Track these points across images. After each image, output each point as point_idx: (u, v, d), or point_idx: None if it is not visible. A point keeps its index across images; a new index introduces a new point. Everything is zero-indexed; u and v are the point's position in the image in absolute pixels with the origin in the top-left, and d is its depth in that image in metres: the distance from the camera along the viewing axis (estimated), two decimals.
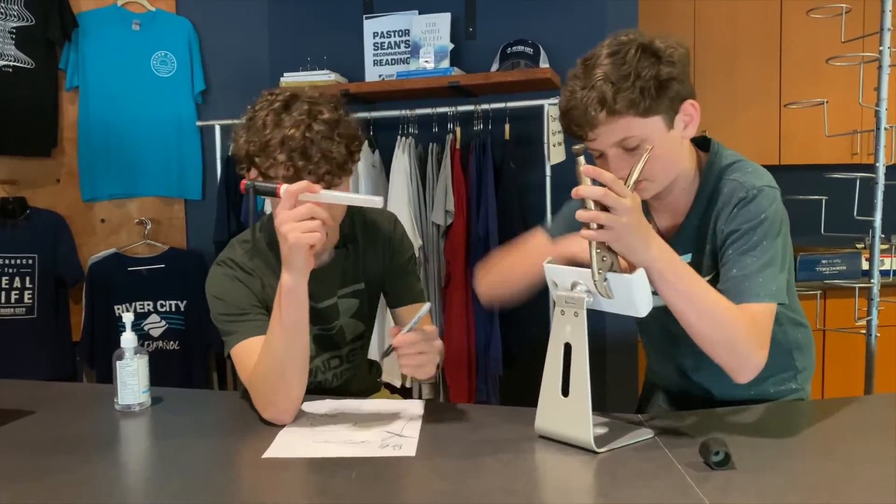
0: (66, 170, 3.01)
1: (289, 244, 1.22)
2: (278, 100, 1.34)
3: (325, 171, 1.31)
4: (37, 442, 1.27)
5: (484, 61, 2.82)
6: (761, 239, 1.22)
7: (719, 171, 1.30)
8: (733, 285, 1.21)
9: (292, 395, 1.34)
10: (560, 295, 1.17)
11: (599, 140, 1.19)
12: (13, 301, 2.89)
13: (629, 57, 1.14)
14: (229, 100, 3.11)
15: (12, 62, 2.84)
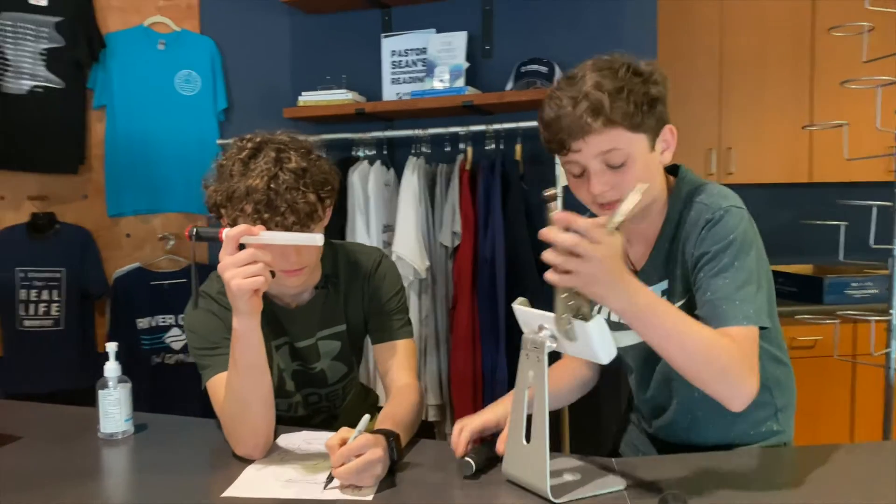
0: (93, 186, 3.10)
1: (231, 290, 1.21)
2: (247, 147, 1.34)
3: (293, 222, 1.31)
4: (16, 471, 1.31)
5: (501, 79, 2.80)
6: (732, 260, 1.18)
7: (686, 194, 1.29)
8: (709, 310, 1.17)
9: (258, 434, 1.34)
10: (526, 338, 1.15)
11: (585, 151, 1.18)
12: (41, 313, 2.98)
13: (620, 73, 1.16)
14: (251, 118, 3.16)
15: (43, 83, 2.94)
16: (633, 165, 1.19)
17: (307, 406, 1.62)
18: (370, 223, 2.57)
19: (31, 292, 2.97)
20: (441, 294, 2.55)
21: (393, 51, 2.94)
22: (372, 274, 1.57)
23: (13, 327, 2.97)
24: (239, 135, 3.05)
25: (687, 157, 3.21)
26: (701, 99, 3.23)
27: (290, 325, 1.54)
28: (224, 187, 1.32)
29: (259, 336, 1.30)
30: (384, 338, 1.56)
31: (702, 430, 1.38)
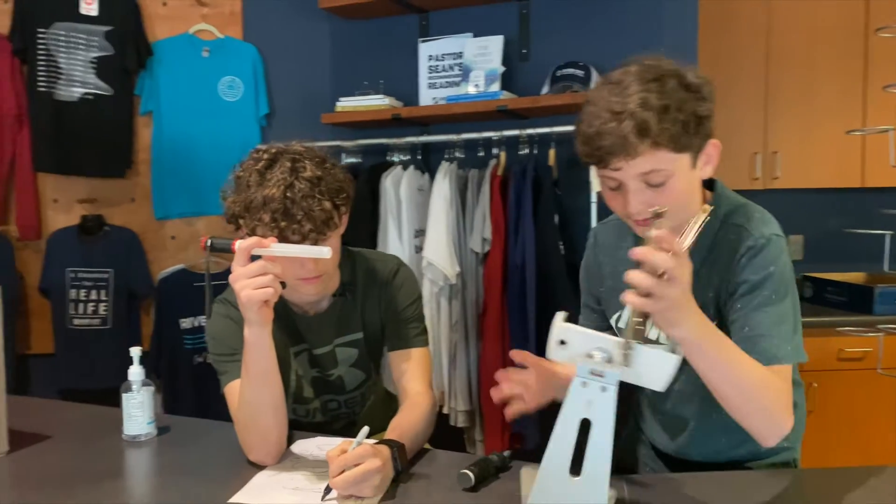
0: (140, 190, 3.20)
1: (241, 301, 1.24)
2: (263, 158, 1.36)
3: (310, 230, 1.33)
4: (41, 470, 1.37)
5: (538, 83, 2.78)
6: (771, 293, 1.16)
7: (724, 214, 1.24)
8: (748, 346, 1.14)
9: (269, 441, 1.37)
10: (583, 364, 1.04)
11: (625, 171, 1.13)
12: (90, 312, 3.09)
13: (667, 88, 1.09)
14: (292, 123, 3.22)
15: (93, 90, 3.05)
16: (673, 185, 1.14)
17: (326, 412, 1.63)
18: (402, 228, 2.59)
19: (80, 292, 3.08)
20: (471, 299, 2.54)
21: (430, 55, 2.95)
22: (389, 282, 1.57)
23: (64, 326, 3.08)
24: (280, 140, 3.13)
25: (731, 162, 3.15)
26: (746, 101, 3.14)
27: (307, 333, 1.56)
28: (241, 198, 1.35)
29: (269, 345, 1.32)
30: (399, 345, 1.56)
31: (713, 447, 1.35)
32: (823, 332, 2.84)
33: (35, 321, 3.18)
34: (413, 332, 1.57)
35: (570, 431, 1.05)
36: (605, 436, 1.03)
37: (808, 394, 2.78)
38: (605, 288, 1.42)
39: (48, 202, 3.14)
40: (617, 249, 1.39)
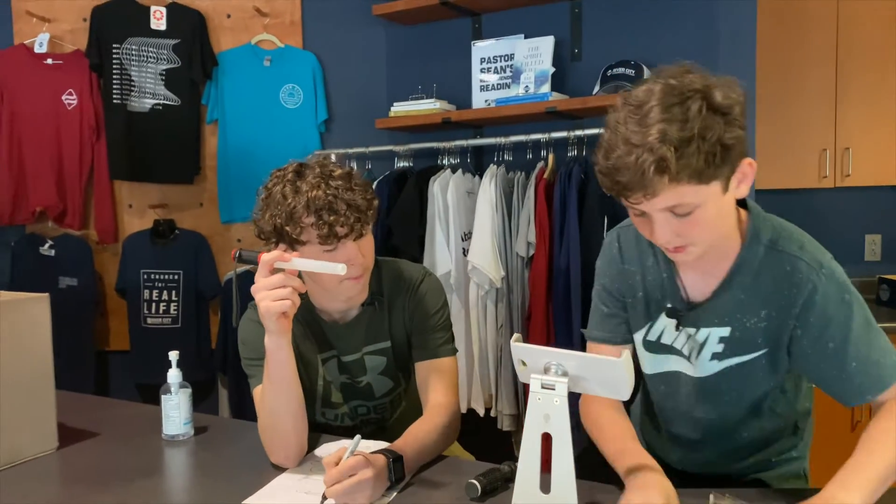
0: (207, 195, 3.35)
1: (261, 311, 1.30)
2: (289, 172, 1.42)
3: (355, 220, 1.38)
4: (87, 466, 1.47)
5: (590, 83, 2.74)
6: (859, 321, 1.15)
7: (768, 240, 1.18)
8: (864, 380, 1.14)
9: (289, 445, 1.42)
10: (535, 378, 1.07)
11: (648, 205, 1.07)
12: (161, 312, 3.27)
13: (691, 114, 1.01)
14: (349, 128, 3.29)
15: (162, 100, 3.21)
16: (702, 214, 1.07)
17: (355, 417, 1.67)
18: (449, 232, 2.61)
19: (153, 292, 3.26)
20: (517, 303, 2.54)
21: (482, 58, 2.95)
22: (414, 291, 1.59)
23: (139, 324, 3.26)
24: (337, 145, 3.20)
25: (799, 159, 3.02)
26: (814, 96, 3.00)
27: (336, 340, 1.61)
28: (280, 210, 1.38)
29: (289, 354, 1.37)
30: (424, 356, 1.58)
31: (725, 462, 1.31)
32: None
33: (113, 320, 3.38)
34: (437, 342, 1.58)
35: (534, 447, 1.06)
36: (565, 447, 1.04)
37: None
38: (637, 298, 1.33)
39: (124, 207, 3.33)
40: (645, 258, 1.32)
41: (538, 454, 1.06)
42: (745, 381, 1.24)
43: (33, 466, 1.47)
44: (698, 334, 1.25)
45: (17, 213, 3.20)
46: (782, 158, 3.02)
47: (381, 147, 2.98)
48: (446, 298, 1.65)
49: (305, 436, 1.44)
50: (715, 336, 1.23)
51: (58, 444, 1.56)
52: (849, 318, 1.13)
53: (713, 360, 1.24)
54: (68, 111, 3.21)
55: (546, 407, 1.06)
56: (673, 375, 1.32)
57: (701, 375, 1.26)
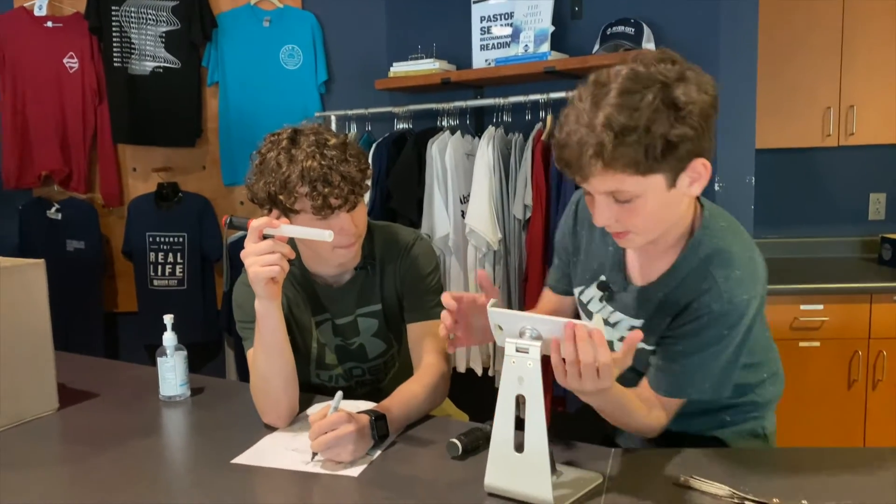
0: (209, 157, 3.36)
1: (250, 276, 1.32)
2: (283, 138, 1.41)
3: (349, 191, 1.40)
4: (87, 425, 1.52)
5: (590, 42, 2.71)
6: (716, 349, 1.19)
7: (706, 255, 1.19)
8: (672, 381, 1.24)
9: (280, 406, 1.45)
10: (509, 343, 1.10)
11: (589, 186, 1.10)
12: (167, 274, 3.31)
13: (643, 104, 1.01)
14: (349, 89, 3.28)
15: (163, 63, 3.21)
16: (642, 205, 1.08)
17: (349, 378, 1.71)
18: (448, 195, 2.61)
19: (158, 255, 3.30)
20: (514, 265, 2.56)
21: (482, 17, 2.92)
22: (406, 254, 1.62)
23: (145, 286, 3.32)
24: (337, 106, 3.19)
25: (802, 117, 2.98)
26: (819, 53, 2.95)
27: (330, 303, 1.63)
28: (274, 178, 1.39)
29: (279, 319, 1.40)
30: (415, 318, 1.61)
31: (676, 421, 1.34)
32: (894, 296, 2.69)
33: (121, 282, 3.44)
34: (429, 305, 1.60)
35: (508, 409, 1.09)
36: (538, 409, 1.07)
37: (877, 363, 2.67)
38: (577, 259, 1.41)
39: (128, 171, 3.35)
40: (593, 228, 1.36)
41: (512, 416, 1.09)
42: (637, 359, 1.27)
43: (34, 427, 1.52)
44: (613, 315, 1.31)
45: (24, 177, 3.24)
46: (785, 117, 2.99)
47: (381, 108, 2.97)
48: (438, 262, 1.67)
49: (296, 397, 1.48)
50: (626, 324, 1.29)
51: (58, 406, 1.61)
52: (710, 342, 1.19)
53: (618, 341, 1.30)
54: (70, 74, 3.22)
55: (520, 370, 1.08)
56: None
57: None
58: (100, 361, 2.05)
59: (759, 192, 2.69)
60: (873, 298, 2.69)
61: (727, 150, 2.59)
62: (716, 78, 2.82)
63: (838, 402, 2.75)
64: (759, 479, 1.14)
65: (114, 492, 1.20)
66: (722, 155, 2.59)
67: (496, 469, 1.11)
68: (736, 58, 2.57)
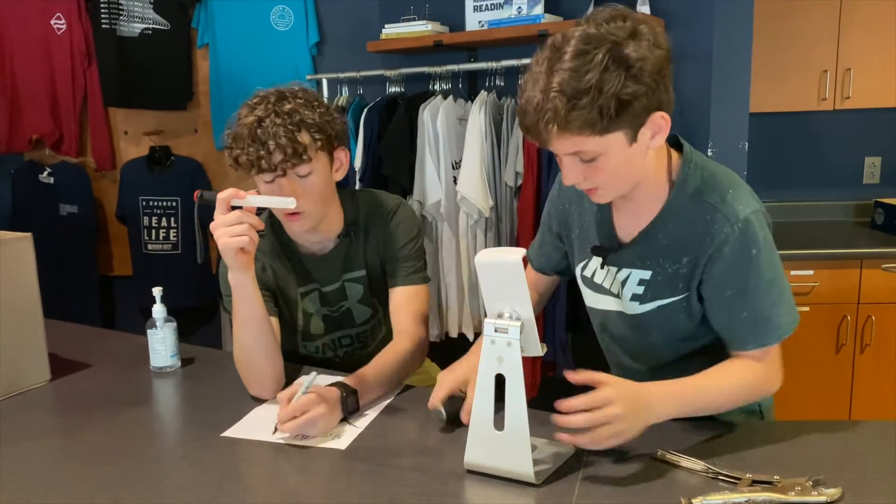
0: (201, 121, 3.34)
1: (220, 248, 1.34)
2: (258, 96, 1.45)
3: (281, 160, 1.40)
4: (79, 395, 1.54)
5: (585, 3, 2.66)
6: (759, 276, 1.18)
7: (694, 188, 1.21)
8: (750, 330, 1.21)
9: (264, 378, 1.47)
10: (489, 322, 1.11)
11: (552, 148, 1.13)
12: (161, 238, 3.32)
13: (593, 64, 1.02)
14: (341, 51, 3.23)
15: (152, 25, 3.17)
16: (606, 162, 1.11)
17: (337, 347, 1.73)
18: (440, 161, 2.60)
19: (152, 219, 3.30)
20: (506, 231, 2.56)
21: None
22: (388, 221, 1.63)
23: (140, 250, 3.33)
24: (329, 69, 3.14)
25: (798, 80, 2.95)
26: (817, 16, 2.90)
27: (316, 272, 1.64)
28: (232, 130, 1.45)
29: (254, 290, 1.41)
30: (395, 283, 1.63)
31: None
32: (888, 261, 2.70)
33: (116, 246, 3.45)
34: (408, 270, 1.63)
35: (488, 388, 1.11)
36: (518, 388, 1.08)
37: (865, 328, 2.70)
38: (572, 237, 1.41)
39: (119, 134, 3.34)
40: (582, 199, 1.36)
41: (492, 395, 1.11)
42: (669, 323, 1.28)
43: (27, 398, 1.54)
44: (619, 273, 1.30)
45: (14, 141, 3.22)
46: (781, 80, 2.96)
47: (373, 71, 2.93)
48: (420, 228, 1.69)
49: (281, 367, 1.50)
50: (635, 277, 1.28)
51: (50, 377, 1.63)
52: (750, 272, 1.17)
53: (634, 301, 1.29)
54: (58, 36, 3.17)
55: (500, 349, 1.10)
56: (606, 313, 1.38)
57: (629, 313, 1.31)
58: (92, 330, 2.07)
59: (753, 155, 2.68)
60: (863, 264, 2.71)
61: (721, 115, 2.58)
62: (711, 41, 2.79)
63: (826, 367, 2.78)
64: (736, 454, 1.16)
65: (103, 463, 1.23)
66: (716, 120, 2.57)
67: (476, 447, 1.13)
68: (731, 21, 2.53)
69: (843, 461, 1.14)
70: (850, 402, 2.81)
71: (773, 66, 2.94)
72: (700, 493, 1.02)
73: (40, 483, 1.17)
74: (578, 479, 1.11)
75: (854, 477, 1.07)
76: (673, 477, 1.10)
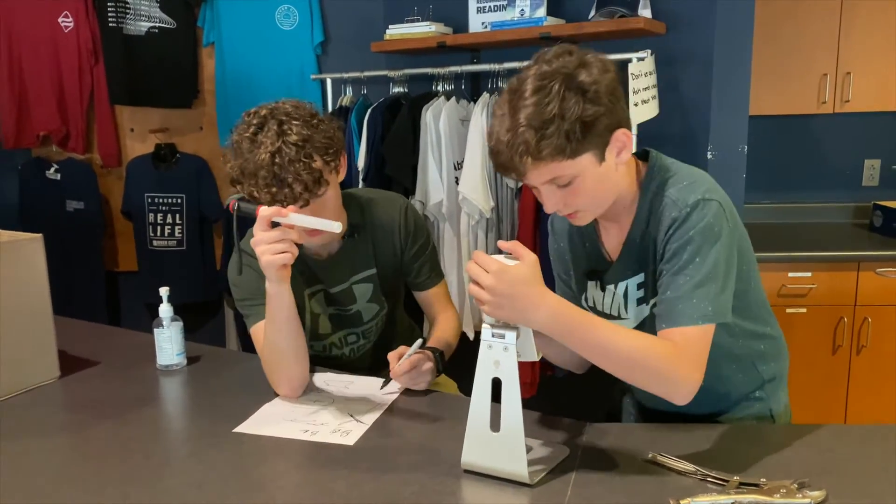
0: (206, 119, 3.37)
1: (262, 264, 1.38)
2: (252, 122, 1.43)
3: (300, 192, 1.41)
4: (88, 393, 1.58)
5: (588, 6, 2.69)
6: (693, 256, 1.18)
7: (657, 186, 1.26)
8: (666, 308, 1.19)
9: (294, 378, 1.53)
10: (486, 328, 1.15)
11: (529, 180, 1.18)
12: (166, 234, 3.36)
13: (552, 95, 1.10)
14: (346, 51, 3.26)
15: (158, 23, 3.20)
16: (582, 184, 1.17)
17: (343, 345, 1.77)
18: (442, 161, 2.63)
19: (157, 215, 3.34)
20: (507, 232, 2.59)
21: None
22: (402, 223, 1.69)
23: (145, 246, 3.37)
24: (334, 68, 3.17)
25: (798, 83, 2.97)
26: (817, 20, 2.93)
27: (322, 274, 1.68)
28: (238, 163, 1.43)
29: (289, 298, 1.46)
30: (425, 286, 1.78)
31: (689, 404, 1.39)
32: (884, 264, 2.72)
33: (122, 242, 3.49)
34: (433, 272, 1.78)
35: (485, 391, 1.14)
36: (514, 391, 1.12)
37: (861, 330, 2.72)
38: (572, 273, 1.46)
39: (125, 132, 3.37)
40: (572, 234, 1.43)
41: (488, 398, 1.14)
42: None
43: (36, 395, 1.58)
44: (617, 289, 1.34)
45: (22, 137, 3.26)
46: (781, 83, 2.98)
47: (377, 72, 2.96)
48: (426, 225, 1.77)
49: (307, 368, 1.55)
50: (633, 284, 1.32)
51: (59, 374, 1.67)
52: (682, 252, 1.18)
53: (641, 304, 1.32)
54: (65, 34, 3.21)
55: (496, 354, 1.13)
56: None
57: (638, 321, 1.33)
58: (100, 328, 2.11)
59: (753, 157, 2.71)
60: (861, 266, 2.74)
61: (721, 118, 2.60)
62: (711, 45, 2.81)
63: (823, 367, 2.81)
64: (727, 457, 1.20)
65: (112, 461, 1.27)
66: (716, 122, 2.60)
67: (472, 448, 1.17)
68: (732, 25, 2.56)
69: (829, 464, 1.17)
70: (846, 403, 2.84)
71: (774, 69, 2.96)
72: (689, 494, 1.06)
73: (49, 480, 1.21)
74: (572, 479, 1.15)
75: (839, 480, 1.11)
76: (663, 479, 1.14)
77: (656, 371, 1.15)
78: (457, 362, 1.90)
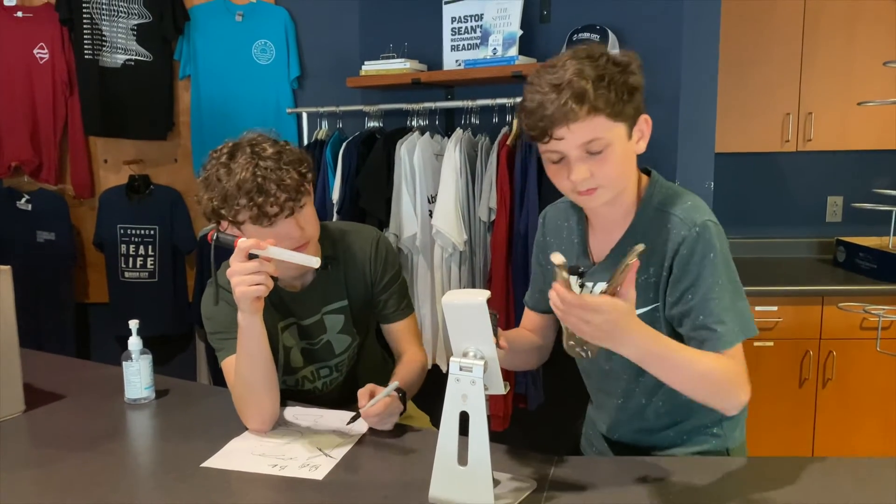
0: (181, 150, 3.38)
1: (236, 295, 1.38)
2: (223, 153, 1.46)
3: (286, 199, 1.43)
4: (53, 427, 1.56)
5: (558, 46, 2.76)
6: (717, 279, 1.23)
7: (658, 203, 1.30)
8: (706, 334, 1.23)
9: (264, 412, 1.52)
10: (454, 361, 1.16)
11: (568, 140, 1.19)
12: (138, 266, 3.34)
13: (600, 62, 1.17)
14: (322, 85, 3.30)
15: (134, 56, 3.21)
16: (612, 154, 1.20)
17: (316, 379, 1.77)
18: (416, 195, 2.66)
19: (129, 247, 3.32)
20: (479, 266, 2.62)
21: (453, 17, 2.96)
22: (374, 254, 1.70)
23: (117, 278, 3.34)
24: (310, 103, 3.20)
25: (762, 122, 3.06)
26: (780, 62, 3.03)
27: (295, 306, 1.69)
28: (216, 192, 1.45)
29: (261, 330, 1.46)
30: (394, 318, 1.75)
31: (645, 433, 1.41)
32: (847, 299, 2.79)
33: (92, 273, 3.46)
34: (401, 305, 1.75)
35: (452, 425, 1.15)
36: (481, 425, 1.13)
37: (827, 363, 2.77)
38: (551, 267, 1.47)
39: (99, 163, 3.36)
40: (561, 230, 1.46)
41: (456, 432, 1.15)
42: None
43: (1, 429, 1.56)
44: (596, 288, 1.34)
45: None
46: (746, 122, 3.07)
47: (353, 107, 3.00)
48: (398, 258, 1.80)
49: (278, 402, 1.55)
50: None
51: (24, 408, 1.65)
52: (706, 276, 1.23)
53: None
54: (40, 65, 3.21)
55: (464, 387, 1.14)
56: None
57: None
58: (67, 361, 2.08)
59: (719, 193, 2.77)
60: (825, 301, 2.80)
61: (688, 155, 2.67)
62: (678, 85, 2.88)
63: (790, 400, 2.86)
64: (691, 489, 1.22)
65: (77, 495, 1.25)
66: (682, 160, 2.66)
67: (440, 482, 1.17)
68: (698, 66, 2.63)
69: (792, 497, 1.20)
70: (813, 435, 2.88)
71: (739, 108, 3.05)
72: None
73: None
74: None
75: None
76: None
77: (726, 388, 1.23)
78: (429, 395, 1.91)
